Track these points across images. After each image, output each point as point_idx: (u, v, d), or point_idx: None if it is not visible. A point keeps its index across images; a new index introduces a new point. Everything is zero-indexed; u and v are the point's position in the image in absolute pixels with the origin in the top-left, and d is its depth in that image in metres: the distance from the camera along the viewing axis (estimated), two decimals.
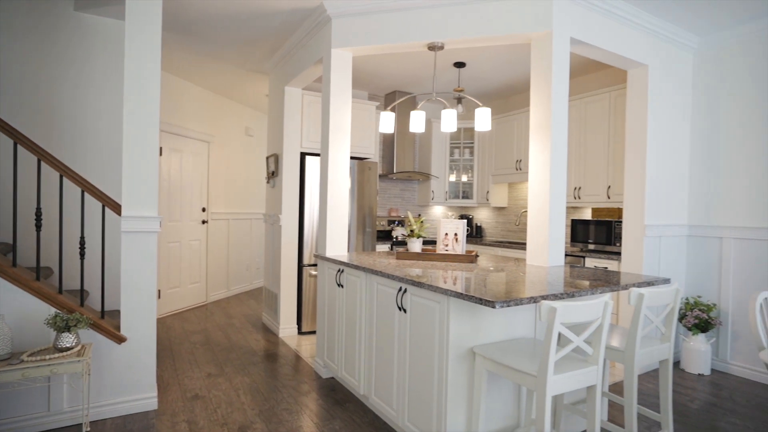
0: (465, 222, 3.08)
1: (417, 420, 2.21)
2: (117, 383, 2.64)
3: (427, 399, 2.13)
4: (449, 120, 3.22)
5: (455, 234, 3.05)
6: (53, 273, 3.25)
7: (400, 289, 2.35)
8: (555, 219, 2.90)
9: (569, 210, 4.80)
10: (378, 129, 5.10)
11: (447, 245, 3.06)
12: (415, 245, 3.17)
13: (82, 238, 2.65)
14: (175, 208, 5.21)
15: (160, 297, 4.98)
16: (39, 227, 2.52)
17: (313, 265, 4.44)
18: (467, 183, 5.75)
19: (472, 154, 5.68)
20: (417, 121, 3.27)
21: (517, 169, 5.08)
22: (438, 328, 2.07)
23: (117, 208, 2.68)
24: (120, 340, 2.60)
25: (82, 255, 2.63)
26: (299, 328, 4.46)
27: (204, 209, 5.74)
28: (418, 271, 2.47)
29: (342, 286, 3.00)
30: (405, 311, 2.31)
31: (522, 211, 5.36)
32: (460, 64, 4.39)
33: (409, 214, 3.43)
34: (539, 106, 2.94)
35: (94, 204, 3.36)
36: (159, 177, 4.70)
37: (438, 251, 3.07)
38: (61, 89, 3.38)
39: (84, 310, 2.56)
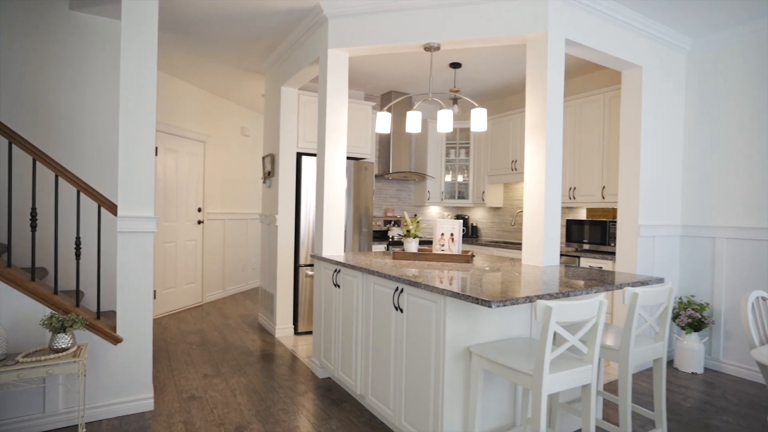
0: (461, 222, 3.09)
1: (414, 419, 2.22)
2: (113, 384, 2.63)
3: (424, 398, 2.14)
4: (446, 120, 3.23)
5: (451, 234, 3.06)
6: (48, 273, 3.23)
7: (396, 289, 2.36)
8: (550, 219, 2.92)
9: (564, 210, 4.83)
10: (374, 129, 5.11)
11: (443, 245, 3.07)
12: (412, 245, 3.18)
13: (77, 238, 2.64)
14: (171, 208, 5.19)
15: (155, 297, 4.96)
16: (34, 227, 2.51)
17: (310, 266, 4.44)
18: (463, 183, 5.77)
19: (467, 154, 5.70)
20: (413, 122, 3.29)
21: (513, 170, 5.10)
22: (435, 327, 2.08)
23: (113, 208, 2.67)
24: (116, 340, 2.60)
25: (77, 255, 2.62)
26: (295, 328, 4.46)
27: (200, 209, 5.72)
28: (414, 271, 2.48)
29: (339, 286, 3.00)
30: (402, 311, 2.32)
31: (517, 212, 5.39)
32: (456, 64, 4.41)
33: (406, 214, 3.44)
34: (535, 106, 2.96)
35: (89, 204, 3.34)
36: (155, 177, 4.68)
37: (434, 251, 3.08)
38: (58, 89, 3.36)
39: (80, 310, 2.55)
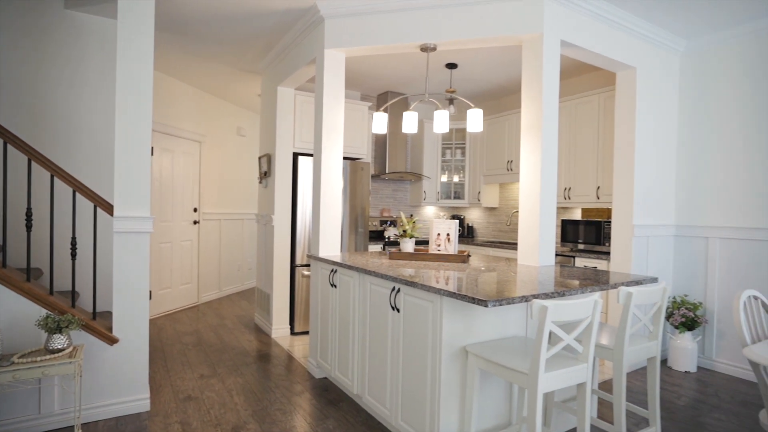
0: (457, 222, 3.11)
1: (410, 419, 2.23)
2: (109, 385, 2.63)
3: (421, 398, 2.16)
4: (442, 121, 3.24)
5: (447, 234, 3.08)
6: (43, 274, 3.22)
7: (393, 289, 2.37)
8: (545, 219, 2.94)
9: (559, 210, 4.86)
10: (370, 129, 5.12)
11: (439, 245, 3.09)
12: (408, 245, 3.19)
13: (73, 238, 2.63)
14: (167, 208, 5.18)
15: (151, 298, 4.94)
16: (29, 228, 2.50)
17: (306, 266, 4.44)
18: (459, 183, 5.78)
19: (463, 154, 5.72)
20: (409, 122, 3.30)
21: (508, 170, 5.13)
22: (431, 327, 2.09)
23: (109, 208, 2.66)
24: (112, 341, 2.59)
25: (73, 256, 2.62)
26: (292, 328, 4.46)
27: (195, 209, 5.71)
28: (411, 271, 2.49)
29: (335, 286, 3.01)
30: (398, 311, 2.33)
31: (513, 212, 5.41)
32: (452, 65, 4.43)
33: (402, 214, 3.45)
34: (530, 107, 2.98)
35: (85, 204, 3.33)
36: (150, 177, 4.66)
37: (430, 251, 3.10)
38: (55, 88, 3.35)
39: (75, 311, 2.54)
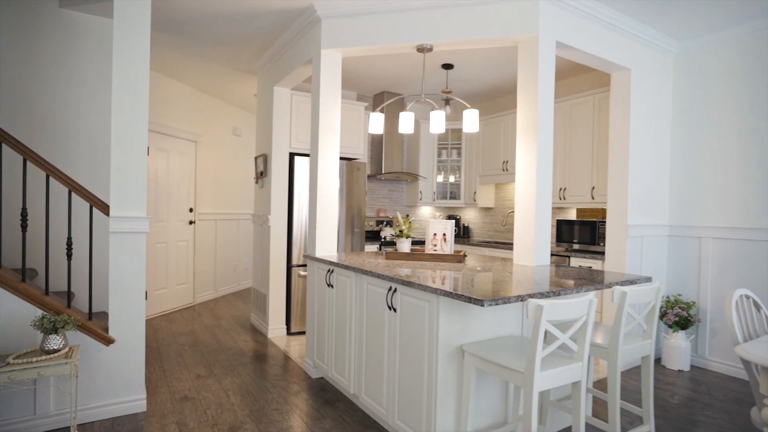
0: (453, 222, 3.12)
1: (407, 418, 2.24)
2: (105, 385, 2.62)
3: (417, 397, 2.17)
4: (438, 121, 3.26)
5: (444, 234, 3.09)
6: (38, 274, 3.20)
7: (390, 289, 2.38)
8: (541, 219, 2.96)
9: (555, 210, 4.89)
10: (367, 129, 5.13)
11: (436, 245, 3.10)
12: (404, 245, 3.20)
13: (69, 238, 2.62)
14: (162, 208, 5.16)
15: (146, 298, 4.91)
16: (25, 228, 2.49)
17: (302, 266, 4.44)
18: (455, 183, 5.81)
19: (459, 154, 5.74)
20: (406, 123, 3.31)
21: (504, 170, 5.15)
22: (428, 326, 2.10)
23: (105, 208, 2.65)
24: (108, 341, 2.58)
25: (69, 256, 2.61)
26: (288, 328, 4.46)
27: (191, 210, 5.69)
28: (407, 271, 2.50)
29: (332, 286, 3.02)
30: (395, 310, 2.34)
31: (509, 212, 5.44)
32: (448, 65, 4.44)
33: (398, 214, 3.47)
34: (526, 108, 3.00)
35: (81, 205, 3.31)
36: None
37: (427, 251, 3.11)
38: (52, 87, 3.33)
39: (71, 311, 2.53)
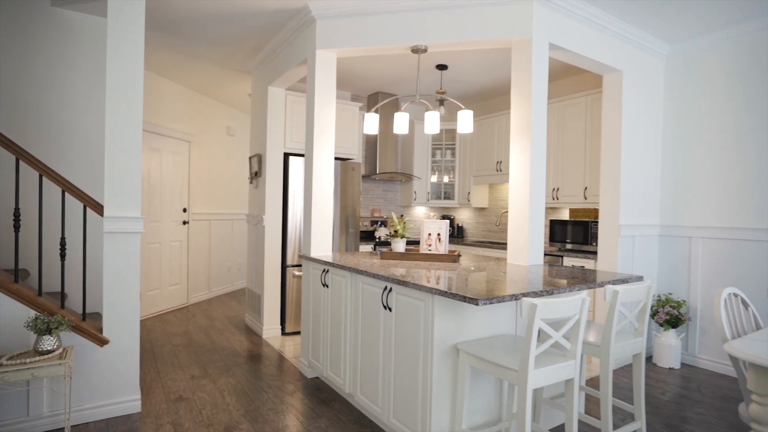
0: (447, 222, 3.15)
1: (402, 416, 2.26)
2: (99, 386, 2.61)
3: (413, 395, 2.19)
4: (432, 122, 3.27)
5: (438, 234, 3.11)
6: (30, 275, 3.18)
7: (385, 288, 2.40)
8: (534, 219, 2.99)
9: (548, 210, 4.93)
10: (361, 130, 5.14)
11: (430, 245, 3.12)
12: (399, 245, 3.22)
13: (62, 239, 2.60)
14: (155, 208, 5.13)
15: (140, 299, 4.90)
16: (17, 228, 2.47)
17: (297, 266, 4.44)
18: (449, 184, 5.83)
19: (453, 155, 5.77)
20: (401, 123, 3.32)
21: (498, 170, 5.19)
22: (423, 325, 2.12)
23: (99, 208, 2.64)
24: (102, 342, 2.57)
25: (62, 256, 2.59)
26: (283, 328, 4.46)
27: (185, 210, 5.67)
28: (402, 271, 2.52)
29: (327, 286, 3.02)
30: (390, 310, 2.36)
31: (502, 212, 5.48)
32: (442, 66, 4.47)
33: (393, 214, 3.49)
34: (519, 109, 3.03)
35: (75, 205, 3.29)
36: None
37: (421, 251, 3.13)
38: (42, 87, 3.30)
39: (65, 312, 2.52)
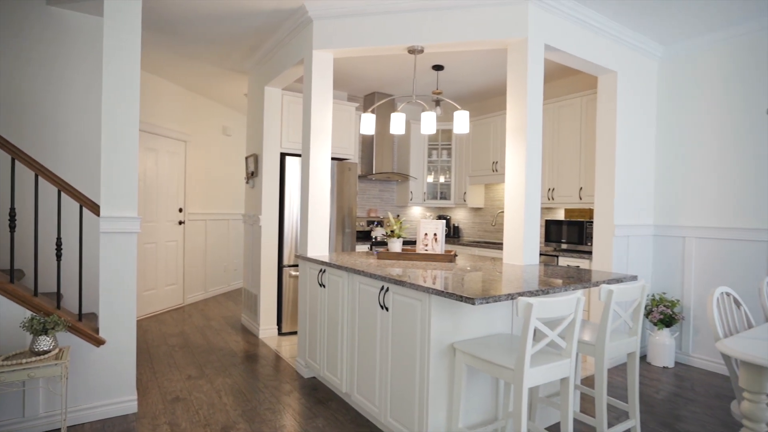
0: (444, 222, 3.16)
1: (399, 415, 2.27)
2: (95, 387, 2.60)
3: (409, 395, 2.20)
4: (429, 122, 3.29)
5: (435, 234, 3.13)
6: (25, 275, 3.16)
7: (382, 288, 2.41)
8: (530, 219, 3.02)
9: (543, 211, 4.96)
10: (358, 130, 5.15)
11: (427, 245, 3.14)
12: (396, 245, 3.23)
13: (58, 239, 2.60)
14: (151, 208, 5.12)
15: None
16: (13, 228, 2.46)
17: (294, 266, 4.45)
18: (445, 184, 5.85)
19: (449, 155, 5.79)
20: (397, 124, 3.34)
21: (494, 171, 5.21)
22: (420, 325, 2.13)
23: (95, 208, 2.64)
24: (99, 342, 2.57)
25: (58, 257, 2.59)
26: (279, 329, 4.46)
27: (181, 210, 5.65)
28: (399, 271, 2.53)
29: (324, 286, 3.03)
30: (387, 309, 2.37)
31: (498, 212, 5.50)
32: (438, 67, 4.48)
33: (390, 214, 3.49)
34: (515, 110, 3.05)
35: (71, 205, 3.28)
36: None
37: (418, 251, 3.14)
38: (39, 87, 3.28)
39: (61, 312, 2.51)
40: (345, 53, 3.38)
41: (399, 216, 5.92)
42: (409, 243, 5.34)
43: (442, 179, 5.85)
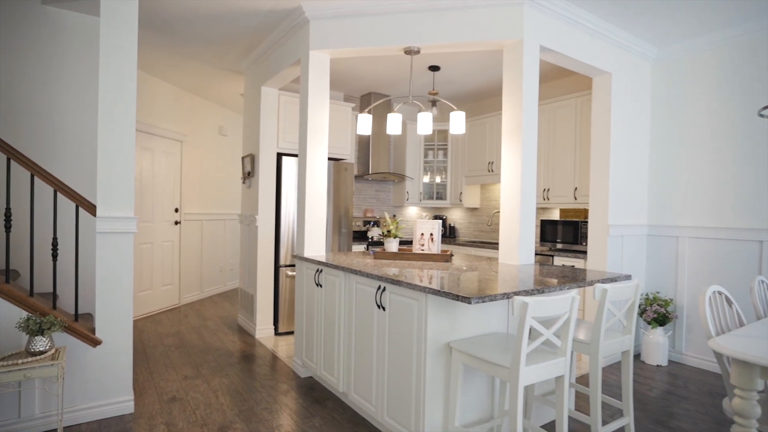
0: (440, 222, 3.18)
1: (396, 414, 2.28)
2: (92, 387, 2.60)
3: (406, 393, 2.21)
4: (425, 123, 3.31)
5: (431, 234, 3.14)
6: (20, 275, 3.15)
7: (379, 288, 2.42)
8: (525, 219, 3.04)
9: (539, 211, 4.99)
10: (354, 130, 5.16)
11: (423, 245, 3.15)
12: (392, 245, 3.24)
13: (54, 239, 2.59)
14: (147, 208, 5.11)
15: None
16: (8, 228, 2.46)
17: (290, 266, 4.45)
18: (441, 184, 5.87)
19: (445, 155, 5.81)
20: (394, 124, 3.35)
21: (489, 171, 5.24)
22: (416, 324, 2.15)
23: (92, 208, 2.63)
24: (95, 343, 2.56)
25: (54, 257, 2.58)
26: (276, 329, 4.46)
27: (177, 210, 5.64)
28: (395, 270, 2.55)
29: (321, 285, 3.04)
30: (384, 309, 2.38)
31: (494, 212, 5.53)
32: (434, 67, 4.50)
33: (386, 214, 3.51)
34: (511, 111, 3.07)
35: (67, 205, 3.27)
36: None
37: (414, 251, 3.16)
38: (35, 87, 3.27)
39: (57, 312, 2.51)
40: (342, 54, 3.39)
41: (395, 216, 5.94)
42: (406, 243, 5.36)
43: (438, 179, 5.87)
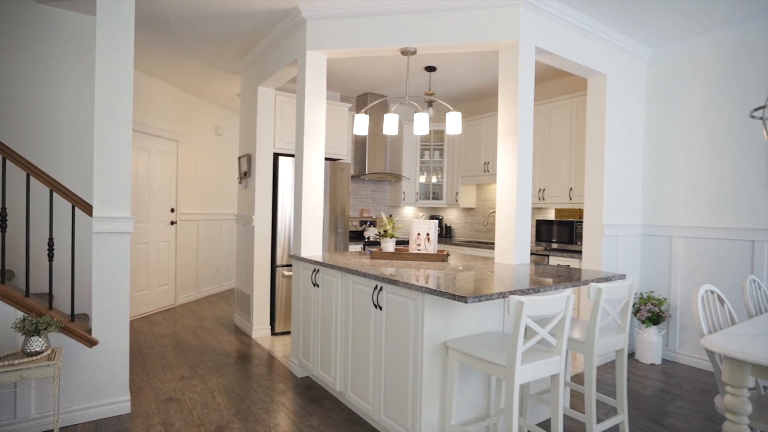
0: (436, 222, 3.19)
1: (393, 413, 2.30)
2: (88, 387, 2.59)
3: (403, 392, 2.23)
4: (422, 123, 3.32)
5: (427, 234, 3.16)
6: (15, 276, 3.14)
7: (375, 287, 2.43)
8: (521, 219, 3.06)
9: (534, 211, 5.02)
10: (350, 130, 5.17)
11: (419, 245, 3.17)
12: (389, 245, 3.26)
13: (50, 239, 2.59)
14: (143, 208, 5.09)
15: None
16: (4, 228, 2.45)
17: (287, 266, 4.45)
18: (437, 184, 5.89)
19: (441, 155, 5.83)
20: (390, 125, 3.36)
21: (485, 171, 5.26)
22: (413, 323, 2.16)
23: (88, 208, 2.63)
24: (91, 343, 2.56)
25: (50, 257, 2.57)
26: (272, 329, 4.46)
27: (173, 210, 5.63)
28: (392, 270, 2.56)
29: (317, 285, 3.05)
30: (380, 308, 2.39)
31: (490, 212, 5.55)
32: (431, 68, 4.52)
33: (383, 214, 3.52)
34: (507, 111, 3.09)
35: (63, 205, 3.26)
36: None
37: (411, 251, 3.17)
38: (32, 87, 3.26)
39: (53, 313, 2.51)
40: (338, 54, 3.40)
41: (392, 216, 5.95)
42: (402, 243, 5.38)
43: (434, 179, 5.89)
